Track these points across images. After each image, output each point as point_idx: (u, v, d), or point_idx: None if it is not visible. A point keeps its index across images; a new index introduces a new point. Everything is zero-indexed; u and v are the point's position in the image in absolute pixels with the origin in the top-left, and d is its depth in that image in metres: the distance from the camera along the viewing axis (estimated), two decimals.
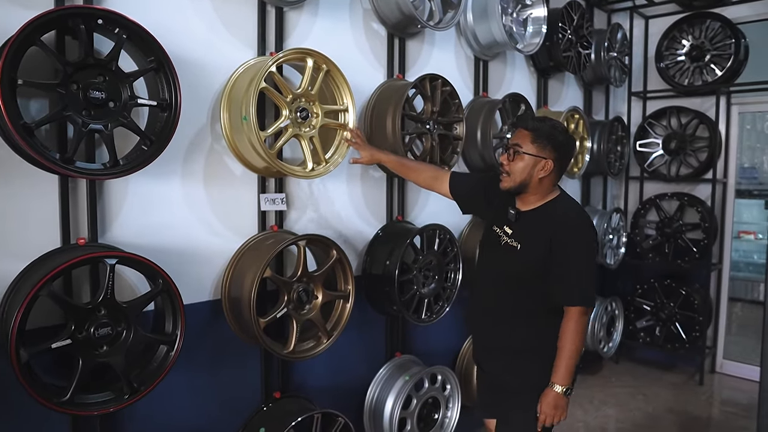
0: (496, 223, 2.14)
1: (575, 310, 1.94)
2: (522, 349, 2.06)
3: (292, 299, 2.24)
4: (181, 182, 2.15)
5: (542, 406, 1.98)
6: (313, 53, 2.22)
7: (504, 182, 2.04)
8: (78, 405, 1.70)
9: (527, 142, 1.97)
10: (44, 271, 1.64)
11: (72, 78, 1.66)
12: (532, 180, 1.98)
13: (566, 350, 1.94)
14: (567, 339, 1.94)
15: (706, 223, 4.46)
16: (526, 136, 1.98)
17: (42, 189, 1.81)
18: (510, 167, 2.00)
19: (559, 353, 1.96)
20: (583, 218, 2.00)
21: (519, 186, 2.00)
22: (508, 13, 3.31)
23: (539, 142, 1.96)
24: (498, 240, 2.09)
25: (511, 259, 2.02)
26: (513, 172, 1.99)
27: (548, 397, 1.97)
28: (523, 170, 1.97)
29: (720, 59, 4.40)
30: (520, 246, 2.00)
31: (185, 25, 2.12)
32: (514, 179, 1.99)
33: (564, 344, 1.95)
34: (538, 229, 1.98)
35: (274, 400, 2.44)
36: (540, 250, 1.95)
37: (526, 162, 1.97)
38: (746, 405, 4.14)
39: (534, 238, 1.98)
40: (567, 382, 1.95)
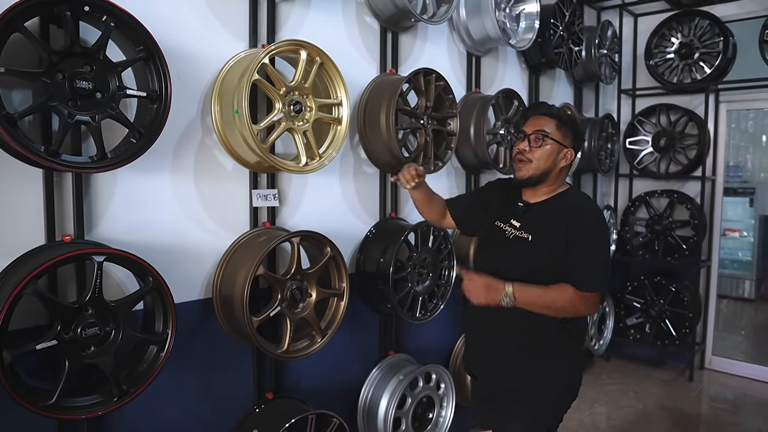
0: (499, 218, 2.01)
1: (590, 294, 1.79)
2: (528, 356, 1.91)
3: (286, 297, 2.19)
4: (170, 177, 2.08)
5: (481, 276, 1.79)
6: (306, 45, 2.16)
7: (522, 171, 1.90)
8: (64, 409, 1.63)
9: (553, 128, 1.87)
10: (28, 269, 1.57)
11: (57, 67, 1.59)
12: (554, 168, 1.89)
13: (551, 295, 1.77)
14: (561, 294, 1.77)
15: (695, 220, 4.48)
16: (551, 122, 1.87)
17: (26, 183, 1.73)
18: (532, 153, 1.87)
19: (543, 289, 1.78)
20: (597, 210, 1.91)
21: (541, 175, 1.88)
22: (501, 8, 3.28)
23: (564, 130, 1.88)
24: (503, 235, 1.95)
25: (522, 252, 1.88)
26: (536, 158, 1.87)
27: (493, 281, 1.77)
28: (548, 157, 1.87)
29: (709, 57, 4.42)
30: (532, 237, 1.87)
31: (175, 15, 2.06)
32: (537, 167, 1.87)
33: (553, 292, 1.77)
34: (552, 218, 1.87)
35: (267, 401, 2.38)
36: (554, 240, 1.82)
37: (550, 149, 1.87)
38: (735, 401, 4.17)
39: (547, 227, 1.86)
40: (517, 295, 1.75)
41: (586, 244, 1.81)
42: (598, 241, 1.84)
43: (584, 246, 1.81)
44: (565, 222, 1.83)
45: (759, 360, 4.91)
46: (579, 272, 1.80)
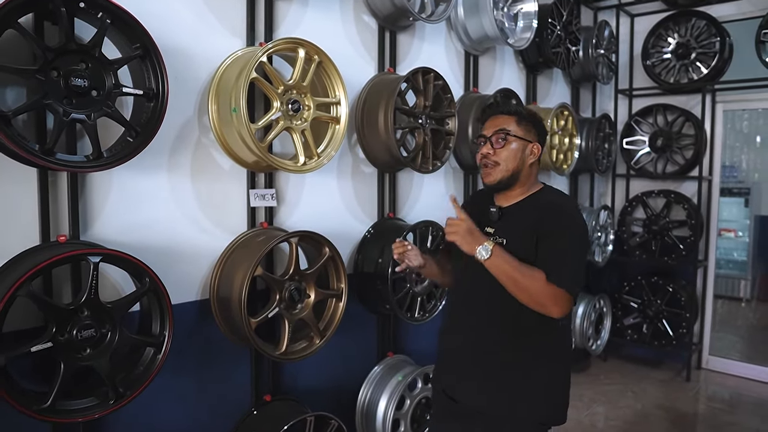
0: None
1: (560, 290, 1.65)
2: (508, 365, 1.78)
3: (284, 298, 2.16)
4: (167, 177, 2.06)
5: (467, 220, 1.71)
6: (305, 43, 2.14)
7: (491, 175, 1.80)
8: (60, 412, 1.60)
9: (513, 125, 1.79)
10: (23, 269, 1.54)
11: (52, 64, 1.56)
12: (524, 167, 1.80)
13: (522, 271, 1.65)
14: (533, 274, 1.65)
15: (692, 220, 4.48)
16: (510, 120, 1.80)
17: (20, 183, 1.70)
18: (498, 155, 1.78)
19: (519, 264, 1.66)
20: (574, 207, 1.84)
21: (511, 176, 1.79)
22: (499, 7, 3.27)
23: (524, 125, 1.81)
24: None
25: None
26: (503, 159, 1.78)
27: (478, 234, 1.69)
28: (515, 156, 1.78)
29: (705, 57, 4.42)
30: (506, 241, 1.77)
31: (171, 12, 2.03)
32: (506, 167, 1.78)
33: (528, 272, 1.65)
34: (525, 218, 1.78)
35: (265, 403, 2.36)
36: (528, 238, 1.72)
37: (515, 147, 1.78)
38: (732, 400, 4.17)
39: (521, 228, 1.76)
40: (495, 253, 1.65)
41: (557, 240, 1.71)
42: (570, 237, 1.73)
43: (555, 242, 1.70)
44: (537, 219, 1.74)
45: (755, 360, 4.92)
46: (551, 267, 1.67)
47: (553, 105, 3.79)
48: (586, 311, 4.35)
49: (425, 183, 3.12)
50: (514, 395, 1.77)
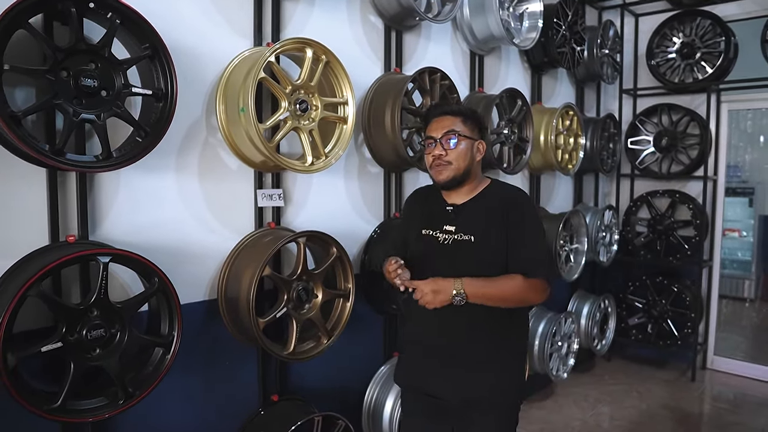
0: (426, 227, 1.91)
1: (537, 281, 1.77)
2: (483, 357, 1.83)
3: (292, 298, 2.16)
4: (174, 177, 2.06)
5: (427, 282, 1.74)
6: (312, 43, 2.14)
7: (444, 173, 1.83)
8: (70, 412, 1.60)
9: (461, 125, 1.85)
10: (33, 269, 1.54)
11: (62, 64, 1.56)
12: (473, 164, 1.86)
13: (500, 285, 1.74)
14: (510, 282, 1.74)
15: (697, 220, 4.48)
16: (457, 121, 1.85)
17: (29, 183, 1.70)
18: (450, 155, 1.82)
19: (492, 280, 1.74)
20: (528, 197, 1.94)
21: (463, 173, 1.84)
22: (505, 7, 3.26)
23: (470, 123, 1.87)
24: (437, 243, 1.86)
25: (469, 254, 1.81)
26: (455, 159, 1.82)
27: (440, 281, 1.73)
28: (465, 154, 1.84)
29: (710, 57, 4.42)
30: (474, 237, 1.81)
31: (179, 12, 2.03)
32: (458, 167, 1.83)
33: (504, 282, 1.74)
34: (487, 215, 1.83)
35: (272, 403, 2.35)
36: (496, 234, 1.79)
37: (466, 145, 1.84)
38: (737, 400, 4.16)
39: (486, 225, 1.81)
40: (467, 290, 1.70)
41: (527, 232, 1.81)
42: (533, 227, 1.84)
43: (525, 233, 1.81)
44: (502, 213, 1.81)
45: (760, 360, 4.91)
46: (525, 259, 1.79)
47: (558, 105, 3.79)
48: (591, 311, 4.34)
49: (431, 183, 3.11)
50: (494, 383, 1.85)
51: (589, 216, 4.21)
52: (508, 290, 1.76)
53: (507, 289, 1.76)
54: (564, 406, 3.94)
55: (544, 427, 3.60)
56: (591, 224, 4.16)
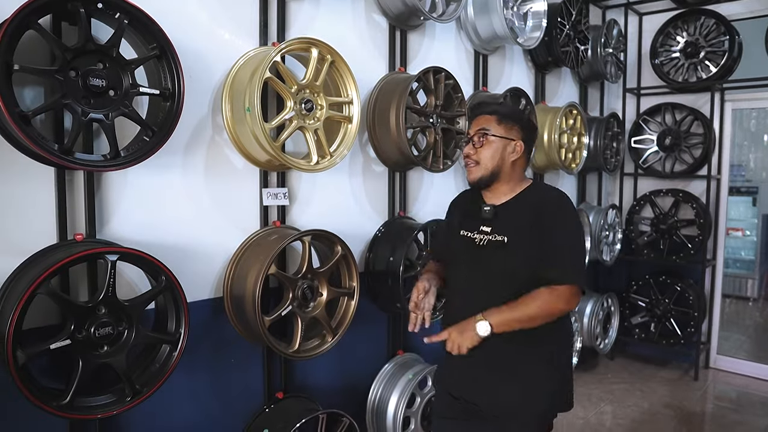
0: (464, 228, 1.89)
1: (564, 287, 1.69)
2: (520, 365, 1.78)
3: (297, 296, 2.18)
4: (181, 175, 2.07)
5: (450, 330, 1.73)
6: (318, 43, 2.15)
7: (472, 173, 1.83)
8: (78, 408, 1.62)
9: (493, 125, 1.81)
10: (41, 268, 1.56)
11: (71, 64, 1.58)
12: (504, 165, 1.81)
13: (524, 306, 1.68)
14: (534, 300, 1.68)
15: (700, 219, 4.48)
16: (491, 120, 1.82)
17: (37, 182, 1.72)
18: (478, 155, 1.81)
19: (517, 302, 1.69)
20: (568, 201, 1.83)
21: (491, 174, 1.81)
22: (509, 6, 3.27)
23: (506, 123, 1.82)
24: (473, 244, 1.83)
25: (500, 256, 1.77)
26: (482, 158, 1.80)
27: (464, 323, 1.71)
28: (494, 155, 1.80)
29: (714, 56, 4.41)
30: (507, 238, 1.77)
31: (186, 13, 2.05)
32: (486, 166, 1.81)
33: (528, 300, 1.68)
34: (522, 217, 1.78)
35: (277, 401, 2.37)
36: (530, 237, 1.74)
37: (495, 146, 1.80)
38: (740, 399, 4.16)
39: (520, 227, 1.77)
40: (494, 323, 1.67)
41: (555, 234, 1.73)
42: (566, 229, 1.75)
43: (552, 236, 1.73)
44: (537, 216, 1.76)
45: (763, 359, 4.91)
46: (554, 265, 1.72)
47: (561, 104, 3.79)
48: (594, 310, 4.34)
49: (435, 182, 3.13)
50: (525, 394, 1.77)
51: (592, 215, 4.21)
52: (533, 310, 1.69)
53: (532, 309, 1.69)
54: None
55: None
56: (594, 223, 4.17)
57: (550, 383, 1.80)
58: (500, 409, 1.80)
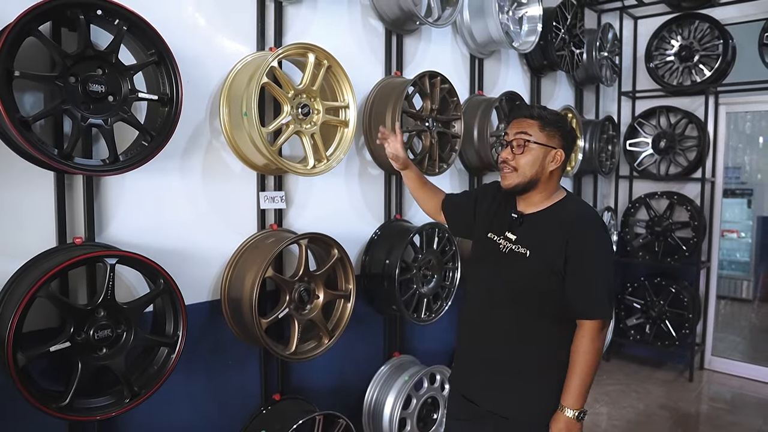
0: (492, 230, 1.85)
1: (591, 324, 1.68)
2: (528, 371, 1.77)
3: (294, 299, 2.20)
4: (179, 179, 2.10)
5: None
6: (314, 48, 2.18)
7: (508, 179, 1.76)
8: (77, 410, 1.64)
9: (536, 131, 1.72)
10: (42, 271, 1.58)
11: (70, 70, 1.60)
12: (543, 174, 1.74)
13: (580, 369, 1.67)
14: (581, 356, 1.68)
15: (695, 221, 4.51)
16: (533, 125, 1.73)
17: (37, 186, 1.74)
18: (517, 161, 1.73)
19: (572, 371, 1.69)
20: (600, 222, 1.76)
21: (528, 182, 1.74)
22: (505, 11, 3.30)
23: (548, 131, 1.73)
24: (498, 249, 1.80)
25: (520, 268, 1.74)
26: (521, 165, 1.73)
27: (560, 423, 1.69)
28: (534, 162, 1.72)
29: (708, 59, 4.45)
30: (530, 252, 1.72)
31: (184, 19, 2.07)
32: (524, 174, 1.73)
33: (577, 361, 1.68)
34: (549, 232, 1.72)
35: (274, 402, 2.39)
36: (553, 256, 1.68)
37: (536, 153, 1.72)
38: (735, 401, 4.19)
39: (545, 242, 1.71)
40: (580, 405, 1.69)
41: (590, 265, 1.69)
42: (598, 262, 1.70)
43: (588, 266, 1.68)
44: (565, 236, 1.68)
45: (757, 360, 4.94)
46: (579, 296, 1.69)
47: (557, 107, 3.82)
48: None
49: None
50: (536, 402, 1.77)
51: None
52: (593, 360, 1.68)
53: (590, 359, 1.68)
54: None
55: None
56: None
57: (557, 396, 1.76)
58: (509, 413, 1.79)
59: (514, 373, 1.79)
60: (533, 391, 1.77)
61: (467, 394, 1.89)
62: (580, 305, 1.69)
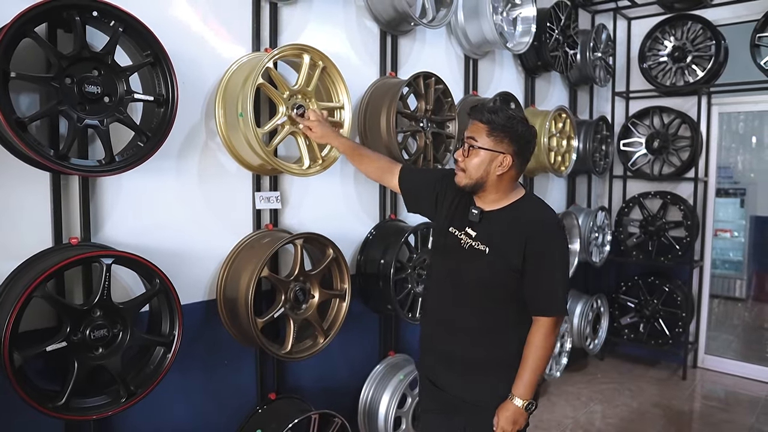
0: (454, 224, 1.89)
1: (547, 320, 1.77)
2: (491, 362, 1.85)
3: (289, 299, 2.21)
4: (175, 180, 2.10)
5: (500, 420, 1.80)
6: (310, 49, 2.19)
7: (458, 178, 1.83)
8: (74, 409, 1.65)
9: (483, 136, 1.76)
10: (38, 271, 1.59)
11: (66, 72, 1.61)
12: (489, 177, 1.78)
13: (531, 361, 1.77)
14: (533, 350, 1.77)
15: (688, 221, 4.55)
16: (482, 129, 1.77)
17: (33, 187, 1.75)
18: (465, 163, 1.79)
19: (524, 363, 1.78)
20: (556, 222, 1.84)
21: (475, 184, 1.80)
22: (499, 11, 3.32)
23: (496, 135, 1.75)
24: (459, 244, 1.85)
25: (479, 264, 1.80)
26: (468, 168, 1.78)
27: (507, 411, 1.79)
28: (479, 166, 1.77)
29: (701, 60, 4.49)
30: (489, 249, 1.78)
31: (180, 20, 2.08)
32: (470, 176, 1.79)
33: (530, 354, 1.77)
34: (508, 231, 1.78)
35: (270, 401, 2.40)
36: (511, 255, 1.75)
37: (482, 157, 1.76)
38: (727, 399, 4.23)
39: (503, 241, 1.78)
40: (529, 395, 1.78)
41: (548, 265, 1.76)
42: (554, 262, 1.77)
43: (546, 266, 1.76)
44: (524, 236, 1.75)
45: (750, 359, 4.98)
46: (543, 297, 1.77)
47: (551, 107, 3.84)
48: (584, 311, 4.40)
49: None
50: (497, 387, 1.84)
51: (581, 217, 4.27)
52: (541, 359, 1.78)
53: (540, 359, 1.78)
54: (557, 405, 4.00)
55: (538, 425, 3.66)
56: (583, 225, 4.22)
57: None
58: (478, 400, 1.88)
59: (477, 364, 1.87)
60: (497, 380, 1.85)
61: (435, 381, 1.97)
62: (536, 302, 1.78)
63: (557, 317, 1.79)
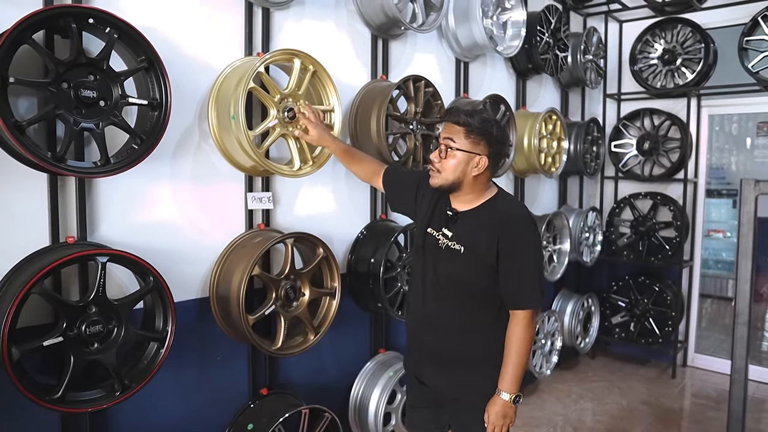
0: (432, 225, 1.96)
1: (523, 313, 1.83)
2: (473, 359, 1.92)
3: (280, 296, 2.27)
4: (169, 181, 2.16)
5: (489, 415, 1.85)
6: (300, 54, 2.25)
7: (434, 179, 1.87)
8: (69, 402, 1.71)
9: (460, 138, 1.80)
10: (35, 269, 1.65)
11: (63, 77, 1.67)
12: (465, 178, 1.83)
13: (515, 354, 1.83)
14: (514, 343, 1.83)
15: (678, 221, 4.61)
16: (459, 131, 1.81)
17: (31, 187, 1.81)
18: (441, 164, 1.83)
19: (506, 359, 1.84)
20: (528, 218, 1.89)
21: (451, 185, 1.85)
22: (489, 15, 3.38)
23: (473, 138, 1.80)
24: (436, 244, 1.92)
25: (455, 263, 1.86)
26: (444, 169, 1.83)
27: (496, 406, 1.85)
28: (456, 168, 1.82)
29: (691, 63, 4.56)
30: (464, 249, 1.85)
31: (172, 25, 2.14)
32: (446, 177, 1.83)
33: (512, 348, 1.83)
34: (482, 229, 1.84)
35: (261, 397, 2.46)
36: (485, 252, 1.81)
37: (459, 159, 1.81)
38: (716, 397, 4.29)
39: (477, 239, 1.84)
40: (515, 389, 1.84)
41: (521, 259, 1.81)
42: (527, 256, 1.82)
43: (519, 261, 1.81)
44: (496, 233, 1.80)
45: None
46: (518, 291, 1.83)
47: (543, 109, 3.90)
48: (575, 310, 4.46)
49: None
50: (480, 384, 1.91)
51: (572, 217, 4.33)
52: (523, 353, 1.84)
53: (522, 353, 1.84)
54: (547, 402, 4.06)
55: (528, 422, 3.72)
56: (574, 225, 4.29)
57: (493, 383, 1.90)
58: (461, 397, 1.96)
59: (459, 362, 1.93)
60: (480, 376, 1.91)
61: (421, 378, 2.04)
62: (512, 296, 1.85)
63: (533, 310, 1.85)
